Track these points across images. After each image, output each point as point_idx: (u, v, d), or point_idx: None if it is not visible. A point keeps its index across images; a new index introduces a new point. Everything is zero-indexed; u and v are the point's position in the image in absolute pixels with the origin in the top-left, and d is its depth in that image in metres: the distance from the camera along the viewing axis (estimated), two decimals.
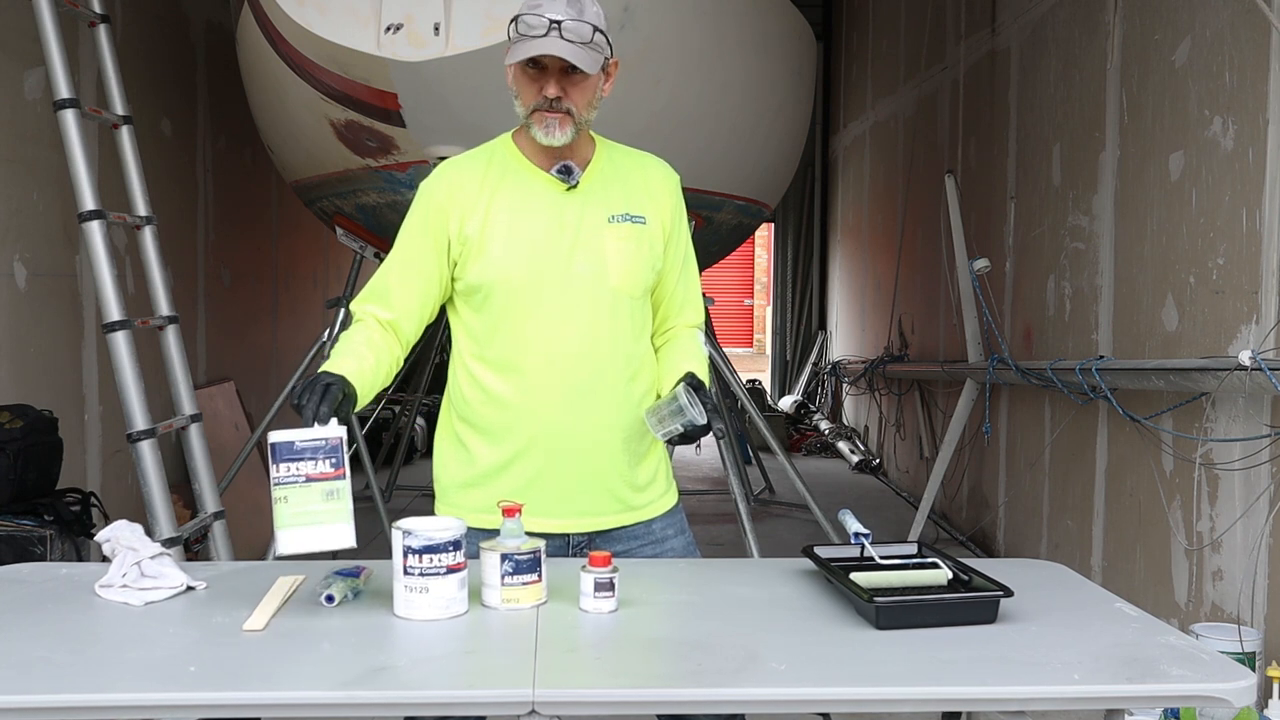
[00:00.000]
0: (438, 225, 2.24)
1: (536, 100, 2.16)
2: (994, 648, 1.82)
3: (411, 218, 2.29)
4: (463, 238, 2.22)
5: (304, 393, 1.99)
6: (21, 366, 4.33)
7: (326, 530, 1.91)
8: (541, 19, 2.10)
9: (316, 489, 1.91)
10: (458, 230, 2.23)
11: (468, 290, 2.25)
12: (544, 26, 2.09)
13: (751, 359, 19.59)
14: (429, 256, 2.25)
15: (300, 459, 1.90)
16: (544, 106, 2.15)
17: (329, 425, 1.94)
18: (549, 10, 2.10)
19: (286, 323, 7.48)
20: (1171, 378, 3.71)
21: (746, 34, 5.01)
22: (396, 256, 2.29)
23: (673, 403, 2.16)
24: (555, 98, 2.14)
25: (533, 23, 2.10)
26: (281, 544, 1.91)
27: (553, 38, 2.09)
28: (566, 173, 2.23)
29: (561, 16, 2.10)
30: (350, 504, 1.93)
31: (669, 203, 2.34)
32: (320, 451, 1.91)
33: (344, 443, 1.95)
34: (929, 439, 7.40)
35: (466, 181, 2.25)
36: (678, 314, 2.40)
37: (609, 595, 1.97)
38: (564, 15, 2.10)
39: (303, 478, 1.90)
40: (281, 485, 1.89)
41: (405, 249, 2.28)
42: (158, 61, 5.60)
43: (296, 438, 1.90)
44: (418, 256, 2.26)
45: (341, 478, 1.92)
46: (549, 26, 2.09)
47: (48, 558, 3.52)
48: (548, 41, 2.10)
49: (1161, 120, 4.10)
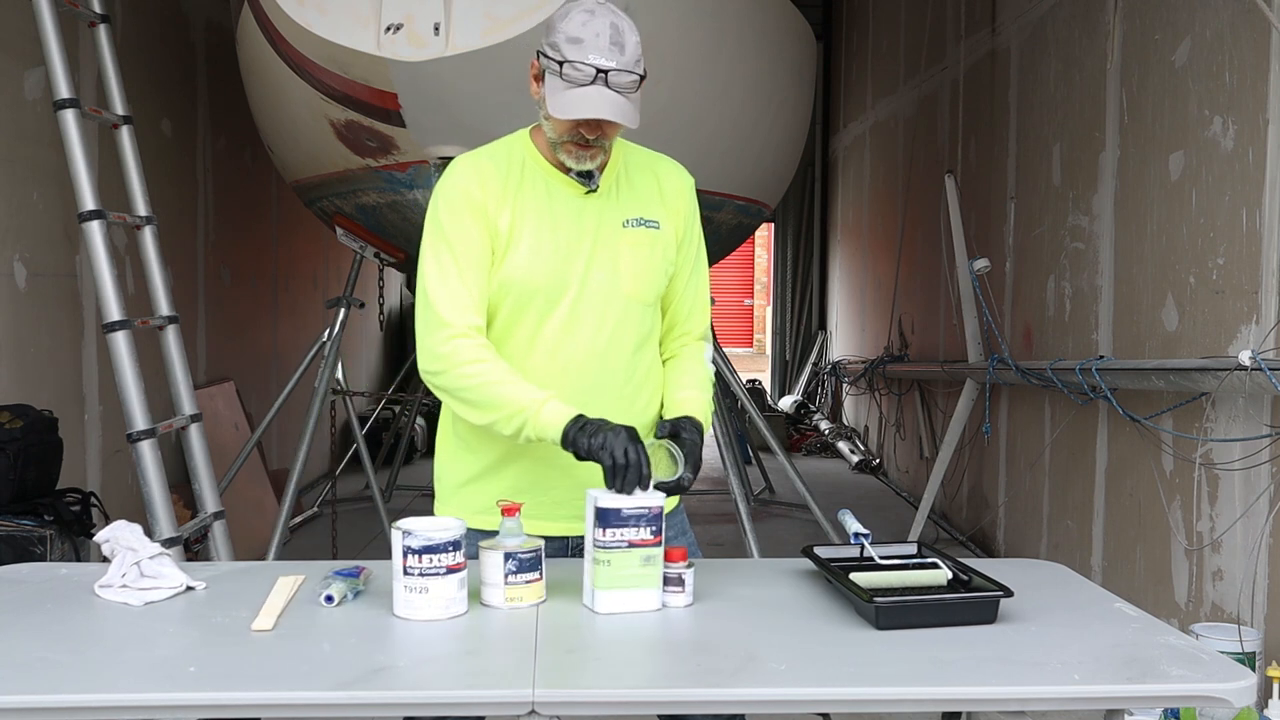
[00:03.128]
0: (482, 219, 2.16)
1: (570, 134, 2.12)
2: (994, 648, 1.82)
3: (449, 216, 2.16)
4: (498, 233, 2.17)
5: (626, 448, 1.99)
6: (21, 366, 4.33)
7: (639, 594, 2.00)
8: (587, 69, 2.04)
9: (636, 555, 1.99)
10: (495, 221, 2.16)
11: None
12: (589, 76, 2.04)
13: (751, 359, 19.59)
14: (485, 253, 2.16)
15: (625, 525, 1.98)
16: (578, 140, 2.12)
17: (652, 495, 2.01)
18: (593, 54, 2.04)
19: (286, 323, 7.48)
20: (1171, 378, 3.71)
21: (746, 34, 5.01)
22: (458, 253, 2.14)
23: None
24: (594, 138, 2.12)
25: (576, 76, 2.04)
26: (600, 604, 1.98)
27: (599, 89, 2.04)
28: (587, 176, 2.21)
29: (608, 65, 2.04)
30: (660, 570, 2.01)
31: (683, 206, 2.33)
32: (643, 520, 1.99)
33: (664, 512, 2.03)
34: (929, 439, 7.40)
35: (491, 178, 2.19)
36: (686, 319, 2.38)
37: (679, 590, 2.00)
38: (609, 62, 2.04)
39: (625, 543, 1.98)
40: (605, 549, 1.98)
41: (463, 244, 2.14)
42: (158, 61, 5.60)
43: (624, 505, 1.98)
44: (477, 254, 2.15)
45: (658, 545, 2.00)
46: (594, 76, 2.04)
47: (48, 558, 3.52)
48: (595, 98, 2.04)
49: (1161, 120, 4.10)
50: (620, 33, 2.07)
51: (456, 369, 2.12)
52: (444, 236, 2.16)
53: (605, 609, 1.98)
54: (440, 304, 2.13)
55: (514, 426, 2.07)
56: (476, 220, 2.15)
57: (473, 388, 2.11)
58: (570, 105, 2.06)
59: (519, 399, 2.07)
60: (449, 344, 2.12)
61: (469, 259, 2.14)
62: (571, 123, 2.10)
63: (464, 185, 2.18)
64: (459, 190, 2.17)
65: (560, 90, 2.06)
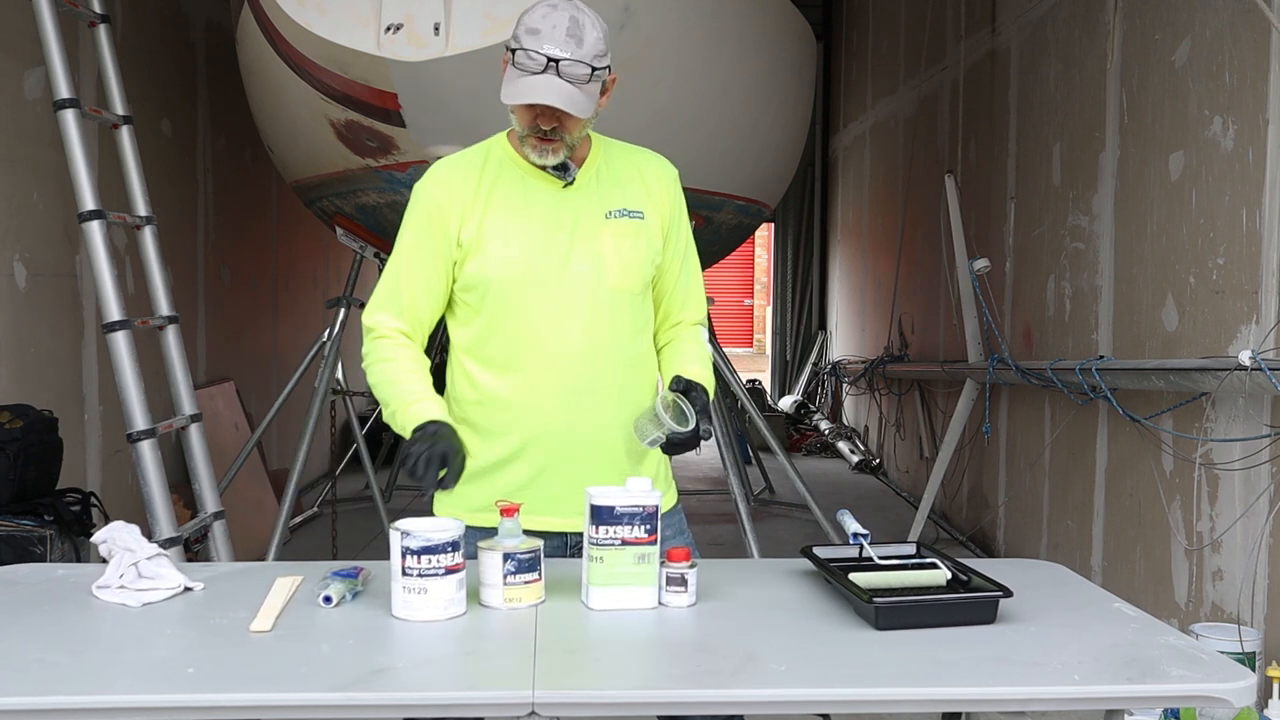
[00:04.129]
0: (440, 227, 2.22)
1: (530, 127, 2.15)
2: (994, 648, 1.82)
3: (411, 220, 2.26)
4: (462, 238, 2.21)
5: (421, 464, 2.03)
6: (21, 366, 4.33)
7: (633, 592, 2.00)
8: (539, 57, 2.06)
9: (630, 553, 2.00)
10: (458, 231, 2.22)
11: (465, 288, 2.24)
12: (540, 64, 2.06)
13: (751, 359, 19.59)
14: (436, 260, 2.23)
15: (618, 524, 1.99)
16: (537, 133, 2.15)
17: (648, 493, 2.02)
18: (548, 44, 2.06)
19: (286, 323, 7.48)
20: (1171, 378, 3.71)
21: (746, 34, 5.01)
22: (403, 262, 2.25)
23: (651, 411, 2.16)
24: (549, 129, 2.14)
25: (529, 62, 2.07)
26: (594, 600, 2.00)
27: (549, 77, 2.06)
28: (563, 170, 2.23)
29: (560, 54, 2.06)
30: (656, 568, 2.02)
31: (667, 197, 2.33)
32: (637, 518, 2.00)
33: (659, 511, 2.03)
34: (929, 439, 7.40)
35: (462, 181, 2.24)
36: (680, 310, 2.40)
37: (681, 590, 2.00)
38: (562, 53, 2.06)
39: (618, 541, 1.99)
40: (599, 546, 1.99)
41: (411, 254, 2.25)
42: (158, 61, 5.60)
43: (617, 503, 1.99)
44: (425, 261, 2.24)
45: (653, 544, 2.01)
46: (545, 64, 2.06)
47: (47, 558, 3.52)
48: (543, 86, 2.07)
49: (1161, 120, 4.10)
50: (580, 26, 2.09)
51: (372, 366, 2.26)
52: (400, 238, 2.28)
53: (599, 605, 1.99)
54: (369, 308, 2.28)
55: (397, 422, 2.18)
56: (433, 226, 2.23)
57: (378, 384, 2.25)
58: (518, 92, 2.10)
59: (402, 396, 2.18)
60: (370, 344, 2.27)
61: (414, 263, 2.25)
62: (530, 115, 2.13)
63: (431, 190, 2.26)
64: (425, 194, 2.26)
65: (513, 78, 2.10)
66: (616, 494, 2.01)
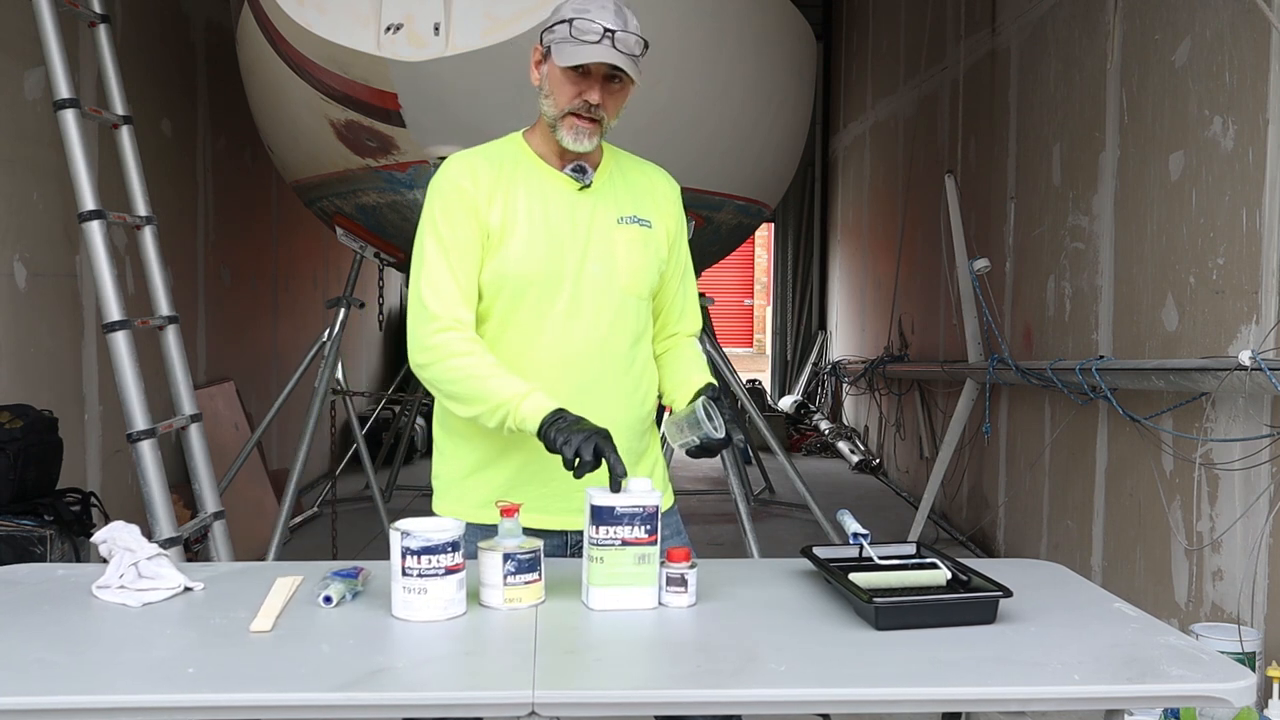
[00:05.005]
0: (472, 213, 2.19)
1: (575, 104, 2.16)
2: (994, 648, 1.82)
3: (441, 211, 2.19)
4: (491, 226, 2.20)
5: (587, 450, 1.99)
6: (21, 366, 4.33)
7: (634, 592, 2.00)
8: (596, 26, 2.12)
9: (630, 553, 1.99)
10: (487, 218, 2.20)
11: (481, 285, 2.23)
12: (598, 34, 2.11)
13: (751, 359, 19.59)
14: (475, 247, 2.19)
15: (619, 524, 1.99)
16: (581, 110, 2.16)
17: (648, 494, 2.01)
18: (600, 18, 2.13)
19: (286, 323, 7.48)
20: (1171, 378, 3.71)
21: (746, 34, 5.01)
22: (447, 249, 2.17)
23: (692, 415, 2.18)
24: (596, 104, 2.16)
25: (587, 29, 2.12)
26: (594, 600, 1.99)
27: (605, 46, 2.12)
28: (580, 172, 2.25)
29: (614, 26, 2.13)
30: (656, 569, 2.02)
31: (672, 211, 2.39)
32: (637, 519, 2.00)
33: (659, 511, 2.03)
34: (929, 439, 7.40)
35: (482, 173, 2.22)
36: (677, 321, 2.45)
37: (681, 590, 2.00)
38: (616, 25, 2.13)
39: (618, 541, 1.99)
40: (599, 546, 1.99)
41: (451, 240, 2.18)
42: (158, 61, 5.60)
43: (617, 503, 1.99)
44: (466, 246, 2.18)
45: (653, 544, 2.01)
46: (603, 34, 2.11)
47: (47, 558, 3.52)
48: (602, 49, 2.12)
49: (1161, 120, 4.10)
50: (622, 9, 2.18)
51: (444, 361, 2.15)
52: (435, 231, 2.20)
53: (599, 605, 1.99)
54: (429, 297, 2.17)
55: (497, 419, 2.10)
56: (468, 215, 2.19)
57: (458, 380, 2.14)
58: (580, 54, 2.13)
59: (502, 392, 2.09)
60: (436, 336, 2.16)
61: (458, 253, 2.18)
62: (575, 91, 2.16)
63: (456, 180, 2.21)
64: (451, 185, 2.21)
65: (570, 46, 2.13)
66: (613, 494, 2.01)
